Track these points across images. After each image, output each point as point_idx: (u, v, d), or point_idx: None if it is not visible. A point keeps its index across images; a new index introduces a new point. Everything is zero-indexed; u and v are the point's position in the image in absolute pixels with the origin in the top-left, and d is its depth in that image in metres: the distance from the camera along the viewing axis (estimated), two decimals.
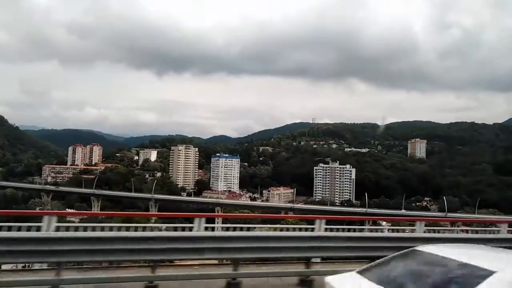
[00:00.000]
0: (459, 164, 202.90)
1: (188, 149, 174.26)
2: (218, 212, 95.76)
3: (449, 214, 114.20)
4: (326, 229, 8.59)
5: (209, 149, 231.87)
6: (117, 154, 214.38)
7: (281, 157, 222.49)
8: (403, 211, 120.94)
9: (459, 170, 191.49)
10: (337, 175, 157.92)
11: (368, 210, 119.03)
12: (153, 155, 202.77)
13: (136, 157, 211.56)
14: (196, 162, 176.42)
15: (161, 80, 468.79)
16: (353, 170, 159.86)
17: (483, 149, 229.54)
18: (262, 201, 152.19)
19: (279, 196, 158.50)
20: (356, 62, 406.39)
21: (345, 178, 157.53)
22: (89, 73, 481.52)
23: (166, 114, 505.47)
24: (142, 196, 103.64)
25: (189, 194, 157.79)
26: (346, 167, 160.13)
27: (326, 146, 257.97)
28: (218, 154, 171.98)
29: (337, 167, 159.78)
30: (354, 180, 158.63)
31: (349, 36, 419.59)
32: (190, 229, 7.73)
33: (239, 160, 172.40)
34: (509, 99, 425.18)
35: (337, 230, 8.75)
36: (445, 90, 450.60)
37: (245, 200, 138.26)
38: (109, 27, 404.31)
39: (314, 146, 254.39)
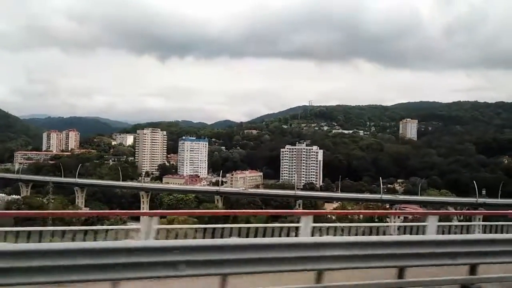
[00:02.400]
0: (445, 144, 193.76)
1: (155, 133, 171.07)
2: (142, 198, 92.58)
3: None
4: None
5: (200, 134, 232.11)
6: (94, 139, 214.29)
7: (263, 140, 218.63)
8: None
9: (443, 150, 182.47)
10: (304, 157, 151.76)
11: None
12: (129, 140, 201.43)
13: (114, 142, 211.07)
14: (164, 146, 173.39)
15: (164, 65, 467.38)
16: (320, 152, 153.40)
17: (477, 128, 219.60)
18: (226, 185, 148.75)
19: (244, 180, 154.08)
20: (362, 42, 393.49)
21: (312, 160, 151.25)
22: (92, 60, 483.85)
23: (172, 100, 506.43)
24: (67, 180, 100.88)
25: (153, 179, 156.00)
26: (312, 149, 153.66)
27: (317, 128, 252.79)
28: (184, 137, 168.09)
29: (304, 149, 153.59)
30: (321, 162, 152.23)
31: (354, 15, 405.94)
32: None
33: (206, 143, 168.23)
34: None
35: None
36: (453, 68, 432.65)
37: (202, 185, 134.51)
38: (108, 13, 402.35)
39: (304, 128, 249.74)
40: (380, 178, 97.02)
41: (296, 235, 7.52)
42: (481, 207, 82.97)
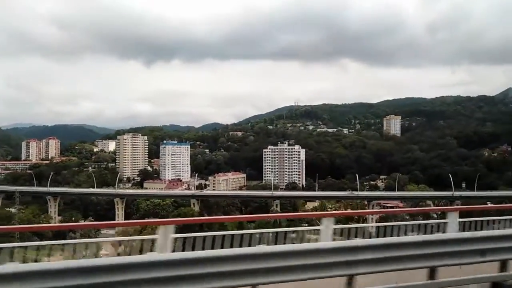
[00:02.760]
0: (427, 139, 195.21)
1: (136, 138, 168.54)
2: (117, 204, 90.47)
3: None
4: None
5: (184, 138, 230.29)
6: (76, 147, 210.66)
7: (248, 142, 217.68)
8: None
9: (425, 145, 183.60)
10: (286, 157, 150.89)
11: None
12: (112, 146, 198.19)
13: (96, 149, 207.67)
14: (146, 151, 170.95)
15: (150, 70, 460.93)
16: (302, 151, 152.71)
17: (459, 123, 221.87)
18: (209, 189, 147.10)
19: (227, 182, 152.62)
20: (347, 41, 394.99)
21: (294, 160, 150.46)
22: (77, 66, 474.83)
23: (160, 104, 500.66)
24: (38, 190, 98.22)
25: (134, 185, 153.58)
26: (294, 148, 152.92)
27: (302, 128, 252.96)
28: (165, 141, 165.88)
29: (286, 149, 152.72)
30: (304, 161, 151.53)
31: (338, 14, 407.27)
32: None
33: (188, 147, 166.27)
34: (505, 71, 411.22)
35: None
36: (438, 65, 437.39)
37: (182, 190, 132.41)
38: (92, 18, 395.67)
39: (289, 128, 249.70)
40: (357, 175, 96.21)
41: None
42: (458, 200, 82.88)
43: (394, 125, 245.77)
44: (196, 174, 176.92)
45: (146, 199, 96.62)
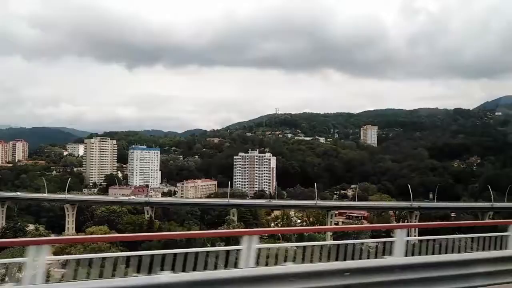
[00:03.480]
0: (401, 149, 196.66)
1: (104, 142, 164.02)
2: (67, 211, 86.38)
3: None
4: None
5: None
6: (45, 150, 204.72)
7: (224, 148, 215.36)
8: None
9: (398, 156, 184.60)
10: (256, 164, 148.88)
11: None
12: (81, 150, 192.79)
13: (66, 152, 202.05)
14: (115, 156, 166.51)
15: (132, 74, 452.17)
16: (273, 159, 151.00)
17: (433, 134, 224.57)
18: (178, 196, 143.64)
19: (196, 189, 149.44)
20: (330, 52, 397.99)
21: (264, 167, 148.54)
22: (58, 68, 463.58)
23: (143, 109, 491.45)
24: None
25: (100, 190, 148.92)
26: (265, 156, 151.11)
27: (281, 135, 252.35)
28: (133, 146, 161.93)
29: (256, 156, 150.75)
30: (274, 169, 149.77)
31: (320, 24, 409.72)
32: None
33: (158, 152, 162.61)
34: (483, 85, 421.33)
35: None
36: (419, 77, 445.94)
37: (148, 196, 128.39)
38: (73, 20, 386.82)
39: (268, 135, 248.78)
40: (315, 184, 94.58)
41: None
42: (417, 211, 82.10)
43: (370, 135, 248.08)
44: (166, 180, 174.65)
45: (103, 205, 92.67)
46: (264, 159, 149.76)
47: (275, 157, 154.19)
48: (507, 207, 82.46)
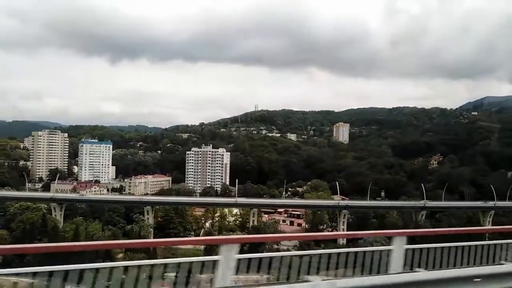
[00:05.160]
0: (367, 147, 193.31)
1: (53, 135, 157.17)
2: None
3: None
4: None
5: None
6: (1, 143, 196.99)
7: (188, 144, 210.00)
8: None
9: (363, 153, 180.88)
10: (209, 160, 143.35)
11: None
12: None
13: (22, 145, 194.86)
14: (66, 150, 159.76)
15: (115, 68, 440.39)
16: (227, 154, 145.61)
17: (406, 132, 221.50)
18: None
19: (145, 185, 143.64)
20: (314, 50, 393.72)
21: (217, 163, 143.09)
22: (38, 60, 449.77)
23: (127, 104, 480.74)
24: None
25: (45, 185, 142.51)
26: (218, 151, 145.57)
27: (255, 132, 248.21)
28: (82, 140, 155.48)
29: (209, 151, 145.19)
30: (228, 165, 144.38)
31: (304, 23, 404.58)
32: None
33: (110, 146, 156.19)
34: (466, 86, 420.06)
35: None
36: (402, 77, 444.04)
37: (93, 191, 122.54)
38: (53, 11, 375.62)
39: (242, 131, 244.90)
40: (236, 180, 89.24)
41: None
42: (345, 210, 77.28)
43: (342, 132, 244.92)
44: (121, 175, 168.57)
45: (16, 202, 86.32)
46: (217, 154, 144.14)
47: (229, 153, 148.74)
48: (439, 207, 78.11)
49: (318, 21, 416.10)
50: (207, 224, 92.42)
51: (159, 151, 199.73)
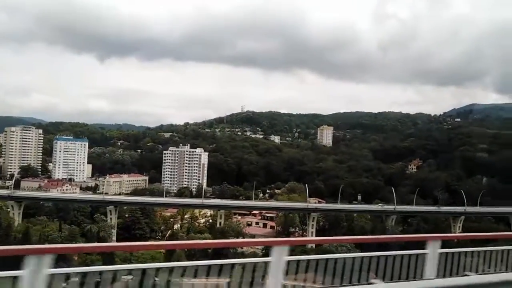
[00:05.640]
0: (348, 150, 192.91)
1: (27, 131, 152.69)
2: None
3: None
4: None
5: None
6: None
7: (170, 143, 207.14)
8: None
9: (344, 156, 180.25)
10: (186, 160, 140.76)
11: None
12: None
13: None
14: (40, 146, 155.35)
15: (104, 65, 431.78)
16: (204, 154, 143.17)
17: (389, 137, 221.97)
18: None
19: (120, 184, 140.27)
20: (304, 53, 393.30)
21: (195, 163, 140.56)
22: (25, 56, 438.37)
23: (116, 102, 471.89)
24: None
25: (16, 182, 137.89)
26: (195, 151, 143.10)
27: (240, 133, 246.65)
28: (56, 137, 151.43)
29: (187, 151, 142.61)
30: (206, 165, 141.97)
31: (295, 26, 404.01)
32: None
33: (86, 143, 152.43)
34: (453, 92, 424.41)
35: None
36: (391, 82, 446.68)
37: (62, 189, 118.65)
38: (41, 5, 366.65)
39: (227, 132, 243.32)
40: (205, 181, 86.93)
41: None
42: (314, 213, 75.76)
43: (326, 135, 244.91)
44: (98, 174, 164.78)
45: None
46: (195, 154, 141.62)
47: (207, 153, 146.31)
48: (409, 211, 77.21)
49: (310, 24, 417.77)
50: (177, 226, 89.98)
51: (138, 150, 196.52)
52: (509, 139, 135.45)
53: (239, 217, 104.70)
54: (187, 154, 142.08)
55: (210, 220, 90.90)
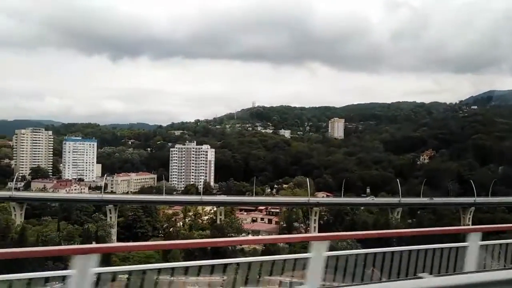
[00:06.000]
0: (360, 143, 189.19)
1: (37, 133, 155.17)
2: None
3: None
4: None
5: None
6: None
7: (180, 141, 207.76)
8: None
9: (356, 148, 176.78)
10: (193, 157, 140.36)
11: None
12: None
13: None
14: (50, 148, 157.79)
15: (116, 66, 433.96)
16: (211, 151, 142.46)
17: (402, 127, 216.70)
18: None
19: (128, 183, 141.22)
20: (315, 46, 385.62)
21: (201, 160, 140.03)
22: (38, 60, 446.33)
23: (129, 102, 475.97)
24: None
25: (26, 183, 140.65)
26: (202, 148, 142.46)
27: (251, 128, 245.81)
28: (66, 137, 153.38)
29: (193, 148, 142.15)
30: (212, 162, 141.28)
31: (305, 18, 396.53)
32: None
33: (95, 143, 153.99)
34: (470, 79, 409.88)
35: None
36: (405, 71, 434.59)
37: (70, 189, 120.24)
38: (51, 10, 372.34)
39: (237, 128, 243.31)
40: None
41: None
42: (316, 207, 73.76)
43: (337, 128, 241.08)
44: (108, 173, 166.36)
45: None
46: (201, 151, 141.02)
47: (213, 150, 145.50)
48: (416, 203, 74.24)
49: (320, 15, 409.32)
50: (180, 223, 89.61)
51: (148, 149, 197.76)
52: None
53: (245, 213, 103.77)
54: (193, 151, 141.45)
55: (214, 217, 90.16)
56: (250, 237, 58.51)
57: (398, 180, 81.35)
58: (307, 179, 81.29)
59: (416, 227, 74.86)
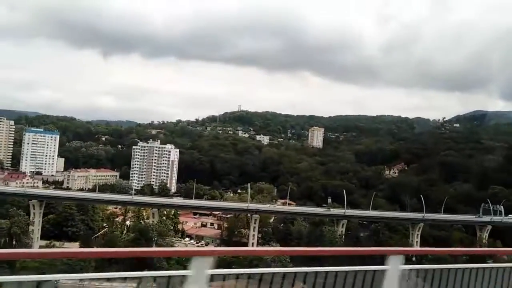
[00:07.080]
0: (334, 153, 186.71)
1: None
2: None
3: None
4: None
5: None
6: None
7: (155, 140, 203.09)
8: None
9: (327, 158, 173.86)
10: (155, 156, 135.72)
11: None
12: None
13: None
14: (11, 139, 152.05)
15: (107, 62, 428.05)
16: (174, 151, 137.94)
17: (380, 140, 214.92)
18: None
19: (86, 180, 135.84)
20: (307, 55, 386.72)
21: (164, 160, 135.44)
22: (28, 50, 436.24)
23: (120, 98, 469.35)
24: None
25: None
26: (165, 147, 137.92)
27: (231, 132, 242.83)
28: (25, 129, 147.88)
29: (156, 147, 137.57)
30: (176, 163, 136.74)
31: (296, 28, 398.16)
32: None
33: (57, 136, 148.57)
34: (456, 98, 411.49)
35: None
36: (395, 86, 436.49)
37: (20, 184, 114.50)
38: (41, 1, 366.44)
39: (219, 131, 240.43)
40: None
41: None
42: (255, 214, 69.73)
43: (316, 137, 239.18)
44: (72, 168, 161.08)
45: None
46: (164, 151, 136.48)
47: (177, 150, 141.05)
48: (357, 216, 70.63)
49: (314, 26, 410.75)
50: (118, 224, 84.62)
51: (119, 146, 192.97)
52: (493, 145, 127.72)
53: (198, 216, 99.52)
54: (156, 150, 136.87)
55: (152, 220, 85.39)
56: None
57: (344, 191, 77.59)
58: (249, 184, 77.03)
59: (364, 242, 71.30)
